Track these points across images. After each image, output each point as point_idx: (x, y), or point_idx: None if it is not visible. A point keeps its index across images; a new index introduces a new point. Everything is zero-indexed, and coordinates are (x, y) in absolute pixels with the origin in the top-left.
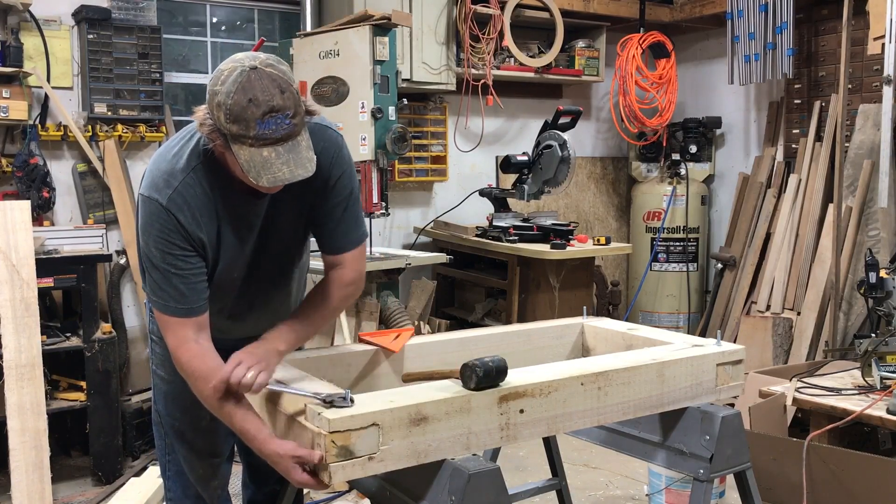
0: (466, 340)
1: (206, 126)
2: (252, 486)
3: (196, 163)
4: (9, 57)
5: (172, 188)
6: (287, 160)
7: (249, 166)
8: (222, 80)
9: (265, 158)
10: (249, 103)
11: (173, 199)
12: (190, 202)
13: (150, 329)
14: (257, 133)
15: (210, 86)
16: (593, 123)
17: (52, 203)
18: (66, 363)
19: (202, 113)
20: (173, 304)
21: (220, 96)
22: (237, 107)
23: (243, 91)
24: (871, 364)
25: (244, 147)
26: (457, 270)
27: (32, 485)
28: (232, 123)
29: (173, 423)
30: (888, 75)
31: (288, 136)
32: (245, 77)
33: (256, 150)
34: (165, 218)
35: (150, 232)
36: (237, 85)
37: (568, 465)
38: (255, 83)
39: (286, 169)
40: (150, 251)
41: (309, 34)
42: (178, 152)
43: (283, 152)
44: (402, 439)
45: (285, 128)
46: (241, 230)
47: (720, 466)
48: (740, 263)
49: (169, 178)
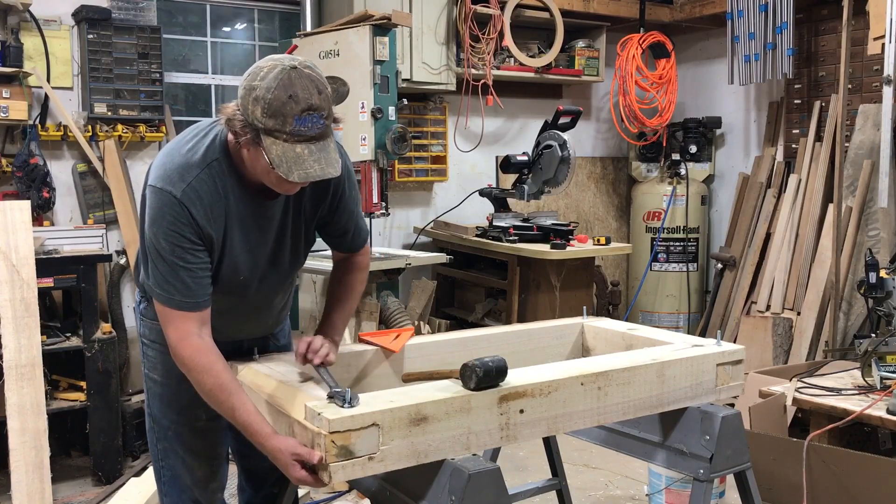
0: (466, 340)
1: (237, 120)
2: (249, 490)
3: (211, 159)
4: (9, 57)
5: (187, 182)
6: (318, 158)
7: (281, 161)
8: (262, 76)
9: (298, 154)
10: (289, 99)
11: (187, 193)
12: (203, 197)
13: (140, 332)
14: (293, 129)
15: (247, 81)
16: (593, 123)
17: (52, 203)
18: (66, 363)
19: (232, 108)
20: (178, 298)
21: (260, 91)
22: (277, 102)
23: (284, 87)
24: (871, 364)
25: (278, 142)
26: (457, 270)
27: (32, 485)
28: (269, 118)
29: (169, 426)
30: (888, 75)
31: (321, 135)
32: (286, 74)
33: (290, 146)
34: (178, 210)
35: (161, 224)
36: (278, 81)
37: (568, 465)
38: (296, 81)
39: (318, 166)
40: (160, 243)
41: (309, 34)
42: (194, 147)
43: (315, 150)
44: (402, 439)
45: (319, 127)
46: (250, 231)
47: (720, 466)
48: (740, 263)
49: (183, 171)
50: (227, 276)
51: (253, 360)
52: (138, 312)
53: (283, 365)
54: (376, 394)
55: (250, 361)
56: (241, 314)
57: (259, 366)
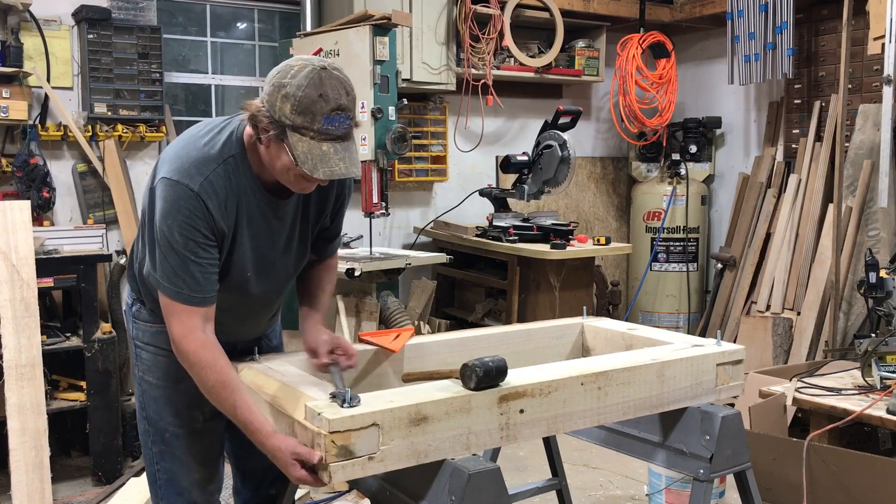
0: (466, 340)
1: (263, 115)
2: (245, 491)
3: (228, 155)
4: (9, 57)
5: (204, 176)
6: (343, 157)
7: (307, 157)
8: (292, 74)
9: (324, 152)
10: (320, 98)
11: (204, 187)
12: (219, 192)
13: (133, 336)
14: (322, 127)
15: (277, 79)
16: (593, 123)
17: (52, 203)
18: (66, 363)
19: (257, 104)
20: (187, 292)
21: (290, 88)
22: (307, 99)
23: (315, 86)
24: (871, 364)
25: (304, 139)
26: (457, 270)
27: (32, 485)
28: (298, 115)
29: (167, 429)
30: (888, 75)
31: (346, 135)
32: (316, 74)
33: (317, 144)
34: (195, 204)
35: (176, 217)
36: (309, 80)
37: (568, 465)
38: (326, 81)
39: (342, 165)
40: (173, 236)
41: (309, 34)
42: (210, 142)
43: (341, 149)
44: (402, 439)
45: (346, 127)
46: (260, 230)
47: (720, 466)
48: (740, 263)
49: (201, 165)
50: (234, 274)
51: (253, 359)
52: (130, 315)
53: (284, 364)
54: (376, 394)
55: (250, 361)
56: (242, 313)
57: (259, 365)
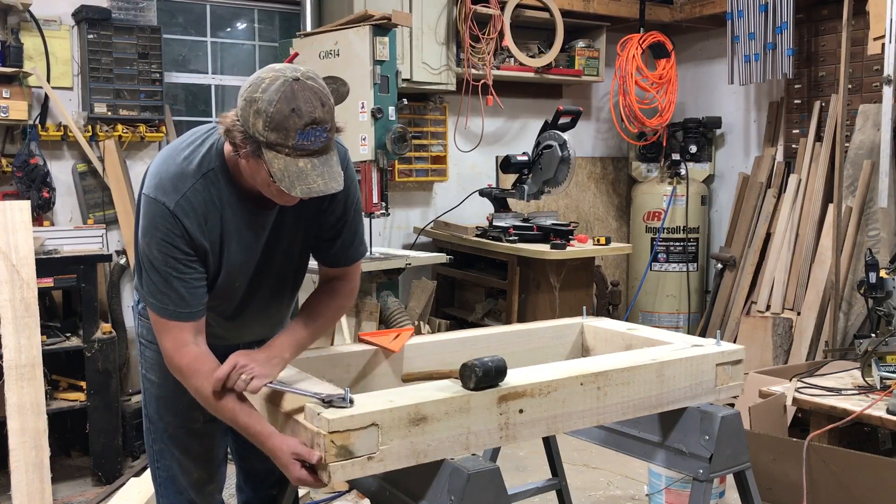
0: (466, 340)
1: (237, 132)
2: (247, 490)
3: (207, 169)
4: (9, 57)
5: (181, 193)
6: (322, 172)
7: (283, 175)
8: (263, 87)
9: (301, 169)
10: (292, 113)
11: (181, 204)
12: (197, 208)
13: (138, 332)
14: (296, 143)
15: (248, 93)
16: (593, 123)
17: (52, 203)
18: (66, 363)
19: (231, 118)
20: (173, 308)
21: (261, 104)
22: (279, 115)
23: (286, 101)
24: (871, 364)
25: (280, 156)
26: (457, 270)
27: (32, 485)
28: (271, 132)
29: (166, 428)
30: (888, 75)
31: (324, 149)
32: (288, 87)
33: (292, 160)
34: (172, 222)
35: (154, 235)
36: (280, 94)
37: (568, 465)
38: (299, 94)
39: (321, 181)
40: (153, 253)
41: (309, 34)
42: (189, 156)
43: (319, 164)
44: (402, 439)
45: (322, 141)
46: (246, 240)
47: (720, 466)
48: (740, 263)
49: (177, 182)
50: (224, 284)
51: None
52: (136, 312)
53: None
54: (376, 394)
55: None
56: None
57: None
